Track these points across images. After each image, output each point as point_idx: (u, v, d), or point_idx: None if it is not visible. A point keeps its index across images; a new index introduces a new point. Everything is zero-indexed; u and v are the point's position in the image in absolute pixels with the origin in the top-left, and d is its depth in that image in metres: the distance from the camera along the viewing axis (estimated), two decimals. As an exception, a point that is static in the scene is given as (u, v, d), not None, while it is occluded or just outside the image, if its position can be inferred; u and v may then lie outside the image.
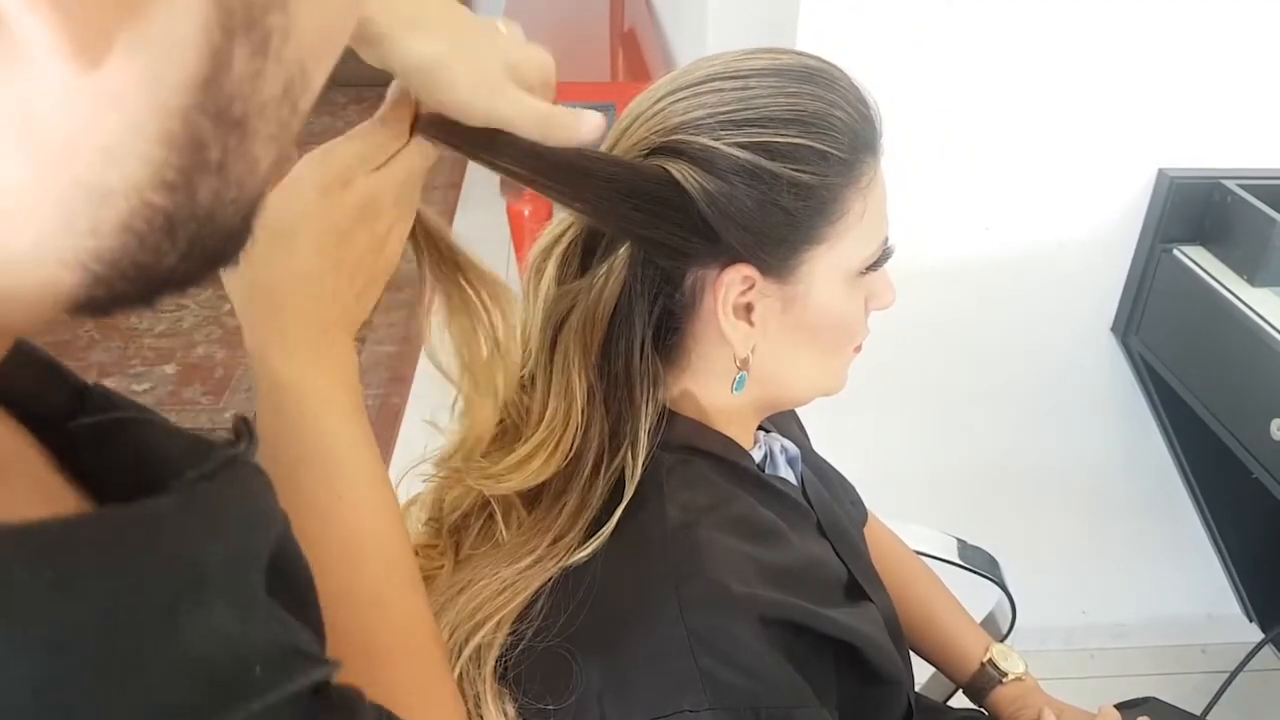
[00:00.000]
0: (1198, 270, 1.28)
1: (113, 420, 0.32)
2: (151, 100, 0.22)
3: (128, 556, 0.24)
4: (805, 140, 0.58)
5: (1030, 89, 1.24)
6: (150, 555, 0.25)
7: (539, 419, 0.63)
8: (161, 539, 0.26)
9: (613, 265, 0.61)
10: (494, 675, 0.59)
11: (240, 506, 0.30)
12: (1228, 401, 1.24)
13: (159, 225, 0.24)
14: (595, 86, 2.67)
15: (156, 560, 0.25)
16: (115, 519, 0.25)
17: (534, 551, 0.61)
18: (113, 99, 0.21)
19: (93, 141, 0.22)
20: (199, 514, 0.27)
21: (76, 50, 0.20)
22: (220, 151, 0.24)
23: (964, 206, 1.32)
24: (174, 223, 0.24)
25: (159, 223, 0.24)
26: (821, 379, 0.69)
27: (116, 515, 0.25)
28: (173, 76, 0.22)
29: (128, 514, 0.25)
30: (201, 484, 0.28)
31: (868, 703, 0.66)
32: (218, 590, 0.26)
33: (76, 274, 0.24)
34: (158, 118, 0.22)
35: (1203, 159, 1.30)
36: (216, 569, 0.27)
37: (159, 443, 0.32)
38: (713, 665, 0.55)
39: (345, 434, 0.50)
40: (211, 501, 0.28)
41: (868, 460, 1.08)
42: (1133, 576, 1.74)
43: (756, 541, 0.62)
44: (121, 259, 0.24)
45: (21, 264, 0.23)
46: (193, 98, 0.23)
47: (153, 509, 0.26)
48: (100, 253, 0.23)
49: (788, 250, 0.60)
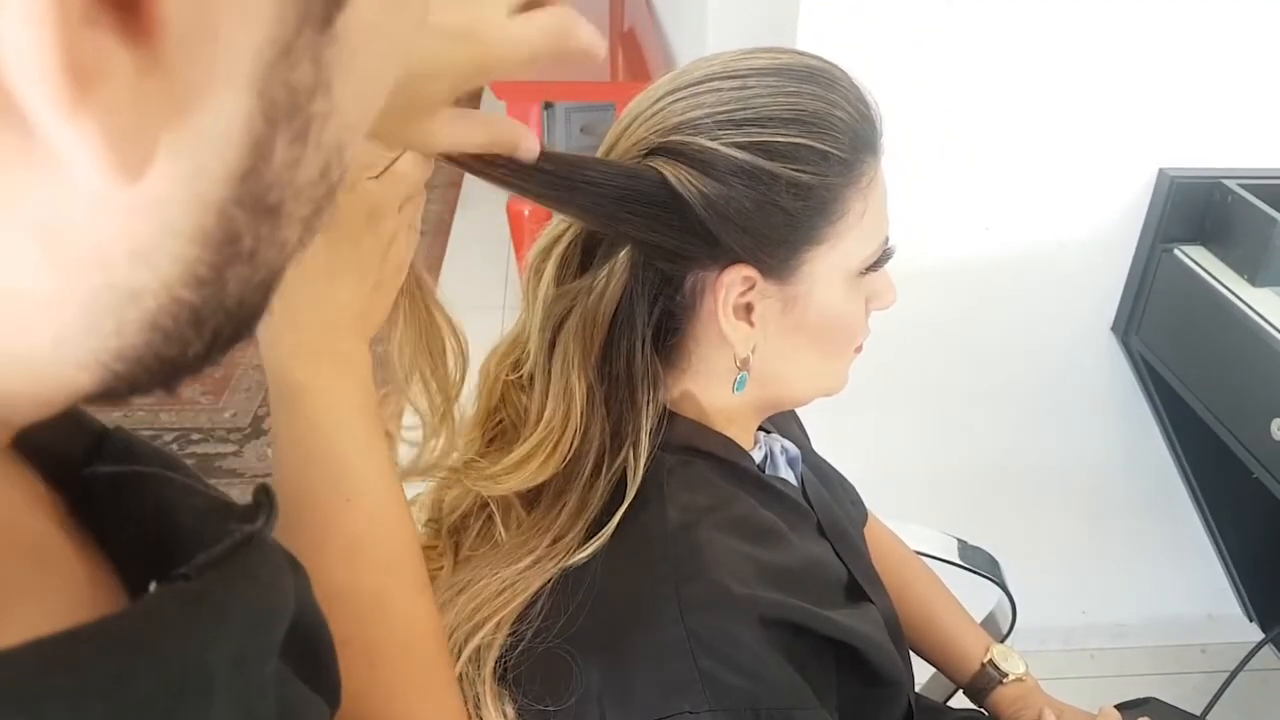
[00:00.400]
0: (1198, 270, 1.28)
1: (133, 474, 0.31)
2: (189, 200, 0.20)
3: (130, 671, 0.23)
4: (805, 140, 0.58)
5: (1030, 88, 1.24)
6: (154, 667, 0.24)
7: (537, 420, 0.63)
8: (165, 647, 0.24)
9: (613, 266, 0.60)
10: (493, 676, 0.58)
11: (249, 603, 0.28)
12: (1228, 401, 1.24)
13: (185, 319, 0.22)
14: (595, 86, 2.67)
15: (159, 673, 0.24)
16: (117, 630, 0.24)
17: (534, 552, 0.61)
18: (149, 205, 0.20)
19: (125, 247, 0.20)
20: (206, 614, 0.26)
21: (118, 165, 0.18)
22: (253, 240, 0.22)
23: (964, 206, 1.32)
24: (201, 316, 0.23)
25: (185, 317, 0.22)
26: (822, 379, 0.68)
27: (118, 626, 0.24)
28: (212, 173, 0.20)
29: (129, 622, 0.24)
30: (210, 574, 0.27)
31: (868, 703, 0.66)
32: (220, 694, 0.25)
33: (95, 374, 0.22)
34: (194, 216, 0.21)
35: (1203, 158, 1.30)
36: (221, 673, 0.25)
37: (176, 507, 0.30)
38: (713, 666, 0.55)
39: (355, 435, 0.50)
40: (218, 599, 0.27)
41: (868, 460, 1.08)
42: (1133, 576, 1.74)
43: (757, 542, 0.62)
44: (144, 355, 0.22)
45: (36, 365, 0.21)
46: (231, 191, 0.21)
47: (157, 614, 0.25)
48: (123, 351, 0.22)
49: (788, 251, 0.60)
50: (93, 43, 0.16)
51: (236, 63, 0.19)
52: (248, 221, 0.22)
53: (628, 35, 3.06)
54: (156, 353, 0.22)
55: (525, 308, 0.66)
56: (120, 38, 0.17)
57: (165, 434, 2.29)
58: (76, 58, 0.16)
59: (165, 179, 0.19)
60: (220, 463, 2.21)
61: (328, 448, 0.49)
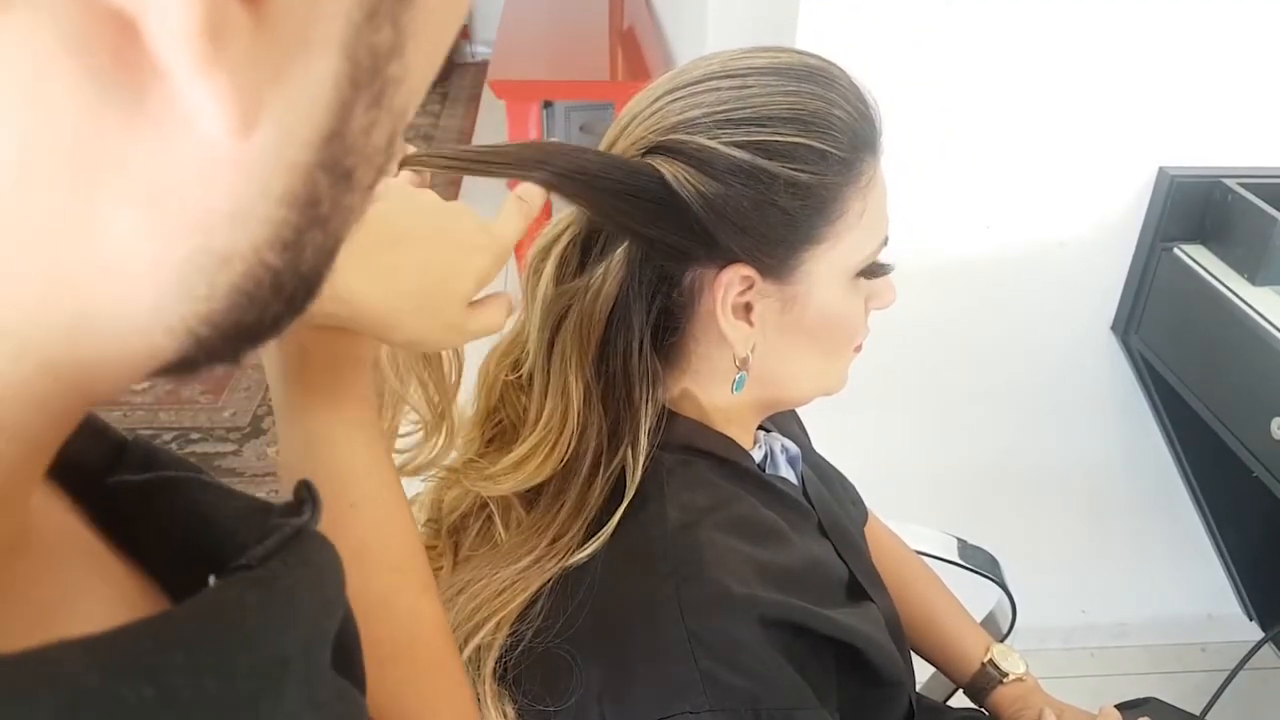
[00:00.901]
0: (1198, 269, 1.28)
1: (165, 479, 0.31)
2: (283, 161, 0.21)
3: (225, 657, 0.24)
4: (803, 139, 0.58)
5: (1031, 87, 1.24)
6: (240, 652, 0.24)
7: (536, 419, 0.63)
8: (249, 633, 0.25)
9: (610, 265, 0.60)
10: (493, 676, 0.58)
11: (314, 589, 0.29)
12: (1228, 400, 1.24)
13: (268, 283, 0.23)
14: (595, 85, 2.67)
15: (245, 657, 0.24)
16: (205, 615, 0.24)
17: (533, 552, 0.61)
18: (251, 164, 0.20)
19: (225, 208, 0.21)
20: (280, 601, 0.26)
21: (240, 119, 0.19)
22: (330, 205, 0.23)
23: (964, 205, 1.32)
24: (281, 280, 0.23)
25: (268, 281, 0.23)
26: (822, 379, 0.68)
27: (204, 611, 0.24)
28: (303, 135, 0.21)
29: (214, 608, 0.24)
30: (272, 563, 0.27)
31: (869, 703, 0.66)
32: (294, 678, 0.26)
33: (180, 340, 0.22)
34: (284, 178, 0.21)
35: (1203, 157, 1.30)
36: (295, 658, 0.26)
37: (214, 507, 0.31)
38: (713, 667, 0.55)
39: (356, 444, 0.51)
40: (288, 585, 0.27)
41: (868, 459, 1.08)
42: (1133, 576, 1.74)
43: (757, 542, 0.62)
44: (227, 320, 0.23)
45: (127, 335, 0.22)
46: (317, 154, 0.22)
47: (237, 599, 0.25)
48: (211, 316, 0.22)
49: (786, 250, 0.60)
50: (222, 2, 0.17)
51: (330, 24, 0.20)
52: (328, 186, 0.22)
53: (627, 34, 3.06)
54: (238, 319, 0.23)
55: (524, 307, 0.65)
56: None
57: (165, 433, 2.29)
58: (212, 17, 0.17)
59: (265, 139, 0.20)
60: (220, 462, 2.21)
61: (331, 458, 0.50)
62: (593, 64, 2.80)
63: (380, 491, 0.51)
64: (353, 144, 0.22)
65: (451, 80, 4.74)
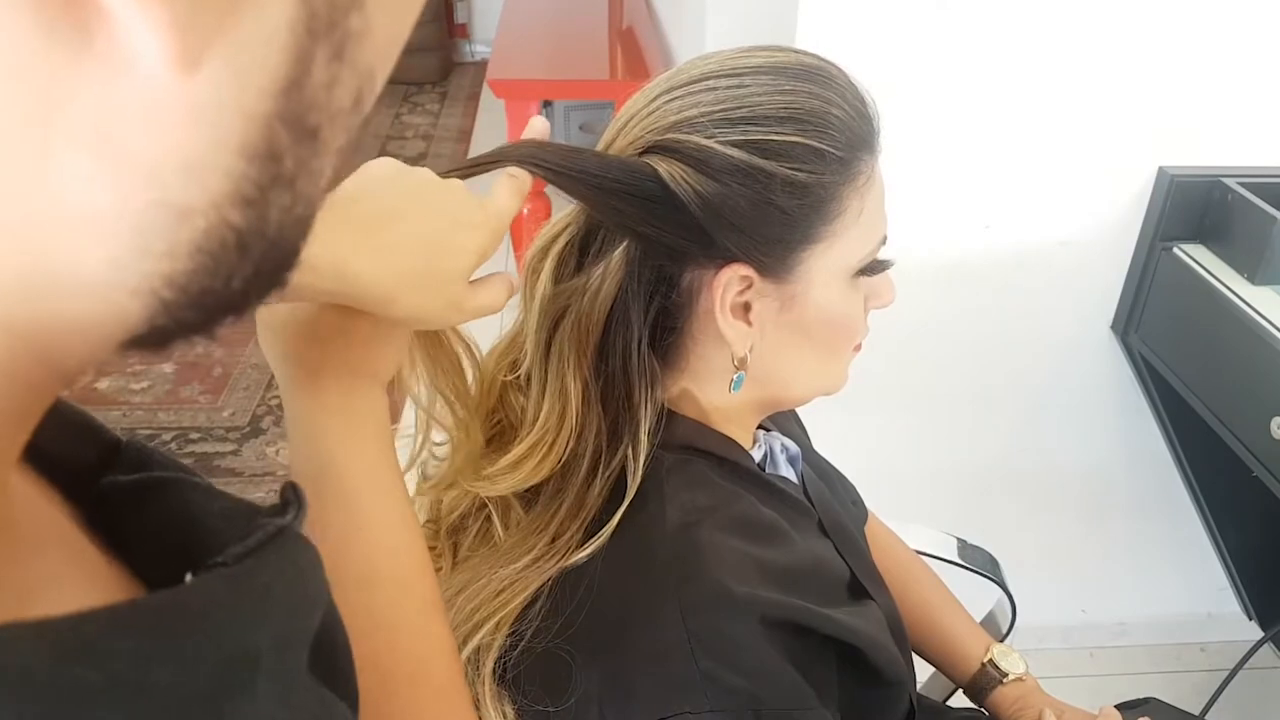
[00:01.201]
0: (1198, 268, 1.28)
1: (155, 480, 0.31)
2: (236, 109, 0.21)
3: (180, 649, 0.23)
4: (801, 138, 0.58)
5: (1030, 87, 1.24)
6: (203, 645, 0.24)
7: (533, 419, 0.63)
8: (214, 627, 0.24)
9: (608, 265, 0.60)
10: (493, 677, 0.58)
11: (290, 587, 0.28)
12: (1228, 400, 1.24)
13: (232, 244, 0.22)
14: (594, 84, 2.67)
15: (209, 651, 0.24)
16: (165, 606, 0.24)
17: (532, 551, 0.61)
18: (202, 108, 0.20)
19: (178, 157, 0.20)
20: (250, 596, 0.26)
21: (180, 54, 0.19)
22: (294, 163, 0.23)
23: (964, 205, 1.31)
24: (246, 242, 0.23)
25: (232, 242, 0.22)
26: (821, 379, 0.68)
27: (166, 602, 0.24)
28: (257, 82, 0.21)
29: (178, 599, 0.24)
30: (249, 561, 0.27)
31: (870, 703, 0.66)
32: (264, 676, 0.25)
33: (145, 302, 0.22)
34: (240, 127, 0.21)
35: (1203, 157, 1.30)
36: (266, 655, 0.26)
37: (202, 507, 0.31)
38: (713, 667, 0.55)
39: (365, 462, 0.50)
40: (261, 581, 0.27)
41: (868, 459, 1.08)
42: (1132, 575, 1.74)
43: (758, 542, 0.62)
44: (192, 283, 0.22)
45: (88, 294, 0.21)
46: (275, 104, 0.21)
47: (204, 593, 0.25)
48: (173, 277, 0.22)
49: (784, 250, 0.60)
50: None
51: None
52: (290, 141, 0.22)
53: (626, 33, 3.06)
54: (205, 284, 0.23)
55: (523, 308, 0.65)
56: None
57: (164, 433, 2.29)
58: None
59: (214, 83, 0.20)
60: (219, 462, 2.21)
61: (337, 475, 0.50)
62: (592, 63, 2.80)
63: (392, 516, 0.51)
64: (314, 99, 0.22)
65: (451, 79, 4.74)
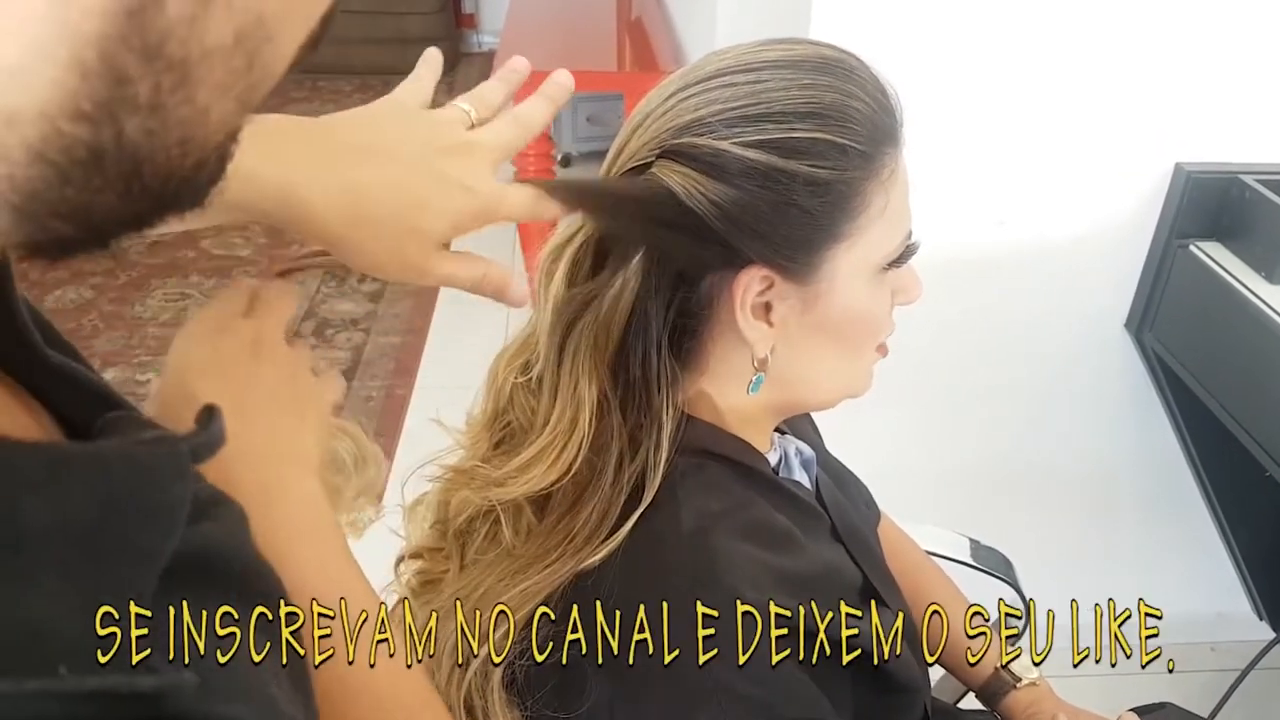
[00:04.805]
0: (1214, 266, 1.26)
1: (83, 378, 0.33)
2: (60, 23, 0.21)
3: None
4: (822, 134, 0.56)
5: (1045, 81, 1.22)
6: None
7: (544, 423, 0.62)
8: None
9: (626, 270, 0.59)
10: (503, 684, 0.58)
11: (116, 482, 0.28)
12: (1243, 398, 1.23)
13: (80, 157, 0.23)
14: (602, 76, 2.66)
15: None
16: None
17: (545, 557, 0.60)
18: (20, 18, 0.21)
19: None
20: (52, 472, 0.26)
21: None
22: (151, 90, 0.23)
23: (978, 200, 1.30)
24: (99, 156, 0.23)
25: (80, 154, 0.23)
26: (845, 379, 0.67)
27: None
28: (81, 1, 0.21)
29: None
30: (100, 441, 0.28)
31: (885, 710, 0.65)
32: (53, 558, 0.25)
33: (5, 214, 0.23)
34: (68, 44, 0.21)
35: (1220, 153, 1.29)
36: (55, 534, 0.26)
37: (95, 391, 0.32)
38: (726, 675, 0.54)
39: (310, 576, 0.46)
40: (83, 459, 0.27)
41: (879, 458, 1.07)
42: (1143, 574, 1.72)
43: (771, 548, 0.61)
44: (43, 191, 0.23)
45: None
46: (113, 27, 0.22)
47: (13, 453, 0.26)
48: (15, 182, 0.23)
49: (807, 251, 0.59)
50: None
51: None
52: (140, 67, 0.23)
53: (635, 24, 3.04)
54: (59, 194, 0.23)
55: (536, 309, 0.64)
56: None
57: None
58: None
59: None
60: (224, 454, 2.21)
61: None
62: (600, 54, 2.78)
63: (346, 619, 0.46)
64: (170, 30, 0.22)
65: (458, 70, 4.73)
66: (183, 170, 0.26)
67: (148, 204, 0.26)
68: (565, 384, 0.61)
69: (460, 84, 4.58)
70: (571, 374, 0.61)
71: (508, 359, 0.66)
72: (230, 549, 0.34)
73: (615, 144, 0.61)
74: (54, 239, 0.25)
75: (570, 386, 0.61)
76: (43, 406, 0.33)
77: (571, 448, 0.60)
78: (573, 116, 3.30)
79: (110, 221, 0.26)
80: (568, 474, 0.61)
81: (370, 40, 4.40)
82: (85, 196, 0.24)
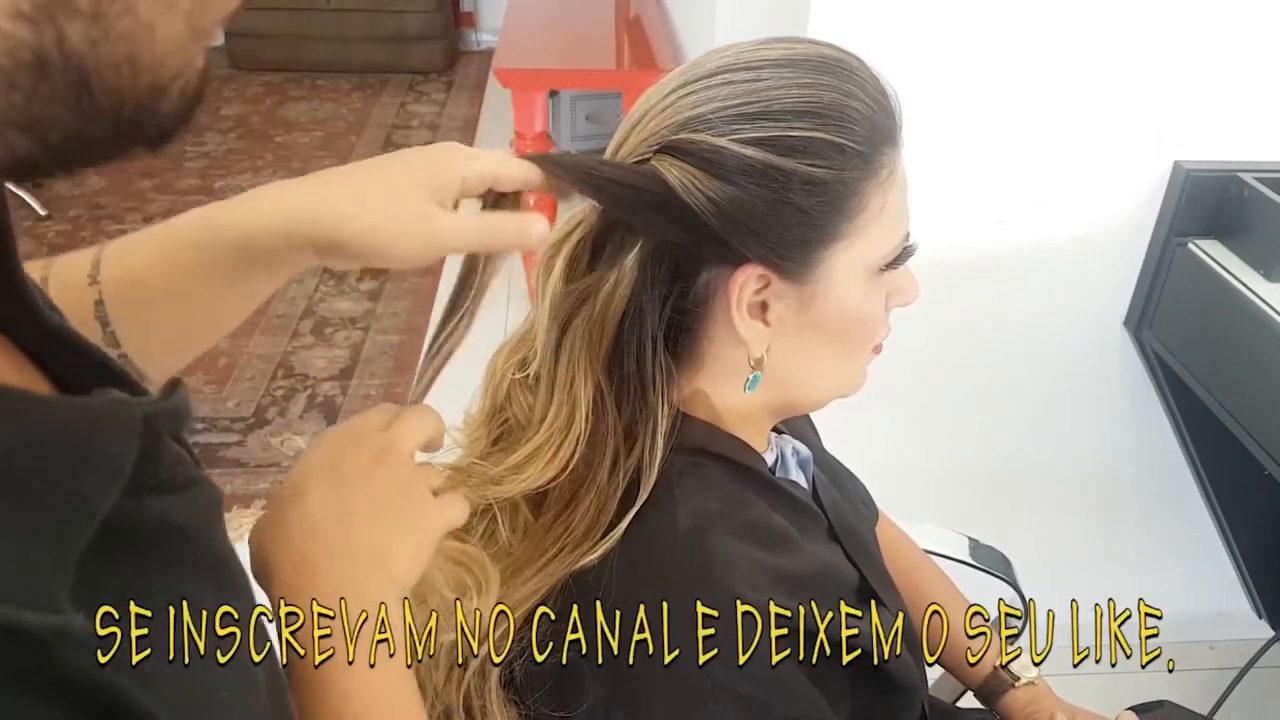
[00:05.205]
0: (1213, 264, 1.26)
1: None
2: None
3: None
4: (820, 133, 0.56)
5: (1044, 80, 1.22)
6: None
7: (540, 419, 0.62)
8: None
9: (622, 264, 0.59)
10: (500, 683, 0.57)
11: (59, 425, 0.28)
12: (1242, 397, 1.23)
13: (25, 60, 0.23)
14: (601, 74, 2.66)
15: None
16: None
17: (542, 556, 0.60)
18: None
19: None
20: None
21: None
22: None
23: (977, 200, 1.30)
24: (43, 60, 0.24)
25: (25, 57, 0.23)
26: (839, 379, 0.67)
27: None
28: None
29: None
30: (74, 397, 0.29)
31: (883, 710, 0.65)
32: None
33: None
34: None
35: (1219, 152, 1.29)
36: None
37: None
38: (725, 675, 0.54)
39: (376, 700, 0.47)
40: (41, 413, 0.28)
41: (877, 457, 1.07)
42: (1142, 572, 1.72)
43: (768, 548, 0.61)
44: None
45: None
46: None
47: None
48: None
49: (804, 250, 0.59)
50: None
51: None
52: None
53: (634, 23, 3.04)
54: (9, 100, 0.24)
55: (534, 304, 0.64)
56: None
57: (168, 424, 2.28)
58: None
59: None
60: (223, 452, 2.21)
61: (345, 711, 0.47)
62: (599, 53, 2.78)
63: None
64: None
65: (457, 69, 4.72)
66: (135, 93, 0.26)
67: (104, 126, 0.26)
68: (561, 380, 0.61)
69: (458, 82, 4.57)
70: (568, 370, 0.61)
71: (506, 354, 0.66)
72: (191, 527, 0.34)
73: (614, 140, 0.61)
74: (14, 155, 0.25)
75: (566, 383, 0.61)
76: (38, 367, 0.33)
77: (568, 445, 0.60)
78: (571, 114, 3.30)
79: (70, 140, 0.26)
80: (564, 471, 0.60)
81: (369, 38, 4.40)
82: (37, 107, 0.24)
